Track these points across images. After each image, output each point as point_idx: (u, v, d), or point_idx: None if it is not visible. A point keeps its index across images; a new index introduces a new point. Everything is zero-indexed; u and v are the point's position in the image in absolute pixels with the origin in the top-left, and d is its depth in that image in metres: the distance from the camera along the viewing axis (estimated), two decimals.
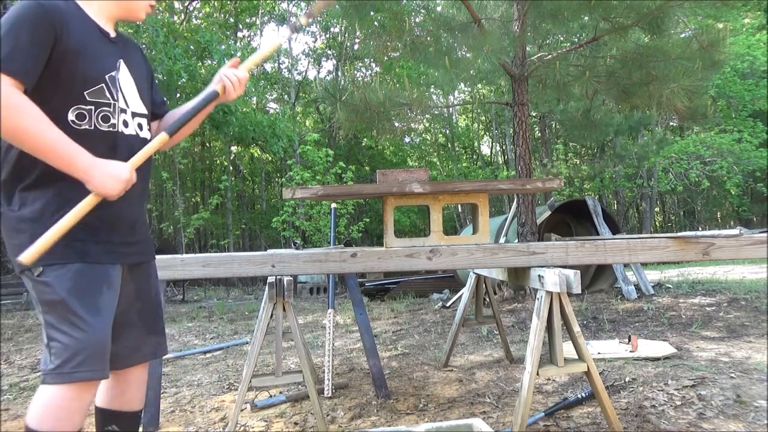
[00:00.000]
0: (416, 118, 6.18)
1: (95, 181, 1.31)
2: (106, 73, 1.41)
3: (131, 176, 1.38)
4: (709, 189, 16.52)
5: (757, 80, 14.28)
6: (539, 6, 5.16)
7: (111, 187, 1.33)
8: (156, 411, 2.58)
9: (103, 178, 1.32)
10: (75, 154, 1.30)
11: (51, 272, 1.32)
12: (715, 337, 3.91)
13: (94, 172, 1.31)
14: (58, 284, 1.32)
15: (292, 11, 18.53)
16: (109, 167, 1.34)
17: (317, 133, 14.48)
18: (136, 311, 1.53)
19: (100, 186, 1.32)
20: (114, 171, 1.34)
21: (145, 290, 1.56)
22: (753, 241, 2.28)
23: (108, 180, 1.32)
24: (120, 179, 1.34)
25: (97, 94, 1.38)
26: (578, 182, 18.57)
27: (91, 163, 1.32)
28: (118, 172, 1.35)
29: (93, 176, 1.31)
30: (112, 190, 1.34)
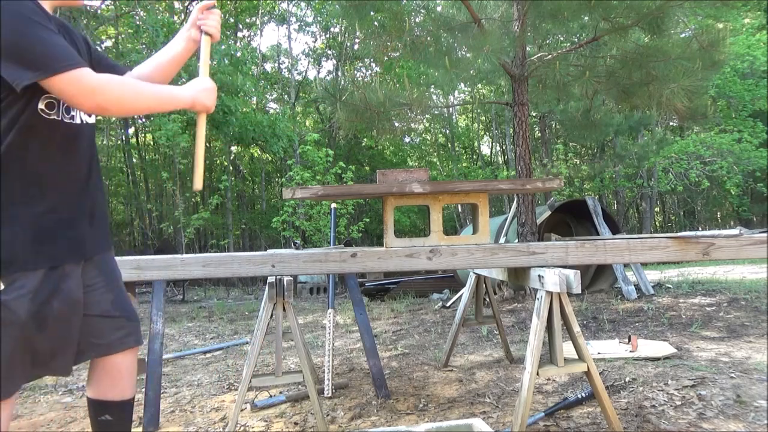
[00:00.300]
0: (416, 118, 6.18)
1: (200, 101, 1.53)
2: None
3: (214, 86, 1.59)
4: (709, 189, 16.52)
5: (757, 80, 14.27)
6: (539, 6, 5.16)
7: (211, 99, 1.56)
8: (156, 411, 2.58)
9: (203, 95, 1.54)
10: (174, 93, 1.49)
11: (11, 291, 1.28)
12: (715, 337, 3.91)
13: (197, 94, 1.52)
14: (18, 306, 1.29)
15: (292, 11, 18.54)
16: (198, 85, 1.55)
17: (317, 133, 14.48)
18: (110, 302, 1.53)
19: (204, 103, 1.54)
20: (204, 85, 1.55)
21: (114, 281, 1.57)
22: (753, 241, 2.28)
23: (206, 94, 1.55)
24: (211, 88, 1.56)
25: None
26: (578, 182, 18.57)
27: (188, 89, 1.52)
28: (207, 84, 1.56)
29: (197, 98, 1.52)
30: (212, 102, 1.56)
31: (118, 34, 14.74)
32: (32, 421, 2.84)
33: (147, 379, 2.57)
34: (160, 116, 10.84)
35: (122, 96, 1.33)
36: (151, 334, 2.60)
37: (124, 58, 11.55)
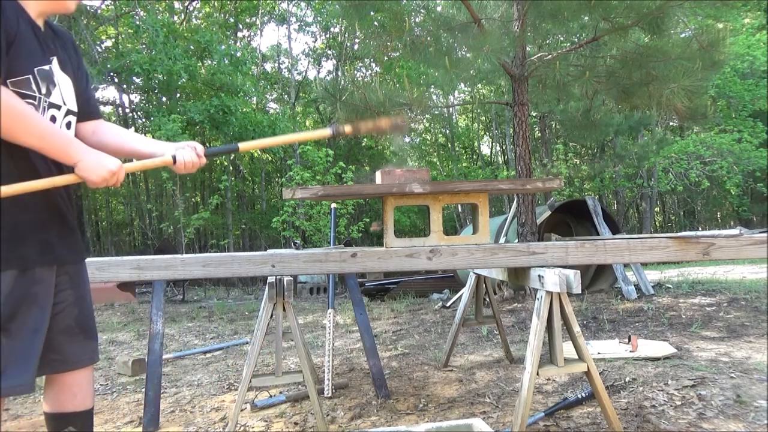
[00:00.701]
0: (416, 118, 6.18)
1: (85, 164, 1.37)
2: (34, 66, 1.38)
3: (120, 172, 1.43)
4: (709, 189, 16.51)
5: (757, 80, 14.27)
6: (539, 6, 5.16)
7: (98, 173, 1.39)
8: (156, 411, 2.58)
9: (92, 164, 1.38)
10: (69, 143, 1.37)
11: None
12: (715, 337, 3.91)
13: (86, 156, 1.38)
14: None
15: (292, 11, 18.53)
16: (101, 156, 1.41)
17: None
18: (74, 317, 1.52)
19: (86, 170, 1.38)
20: (105, 161, 1.41)
21: (81, 296, 1.55)
22: (753, 241, 2.28)
23: (97, 167, 1.39)
24: (108, 169, 1.40)
25: (20, 84, 1.35)
26: (578, 182, 18.56)
27: (85, 148, 1.39)
28: (109, 162, 1.41)
29: (83, 159, 1.37)
30: (97, 177, 1.39)
31: (118, 34, 14.74)
32: (32, 421, 2.84)
33: (147, 379, 2.57)
34: (160, 116, 10.85)
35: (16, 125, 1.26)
36: (151, 334, 2.60)
37: (124, 58, 11.55)
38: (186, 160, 1.64)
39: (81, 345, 1.54)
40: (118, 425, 2.73)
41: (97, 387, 3.50)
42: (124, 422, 2.77)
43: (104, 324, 6.22)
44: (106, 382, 3.62)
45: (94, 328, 1.61)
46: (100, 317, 6.83)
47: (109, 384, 3.58)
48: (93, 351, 1.59)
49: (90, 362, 1.57)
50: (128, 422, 2.76)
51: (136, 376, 3.73)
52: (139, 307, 7.73)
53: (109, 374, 3.86)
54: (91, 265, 2.20)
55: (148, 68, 10.73)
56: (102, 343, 5.05)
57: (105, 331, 5.75)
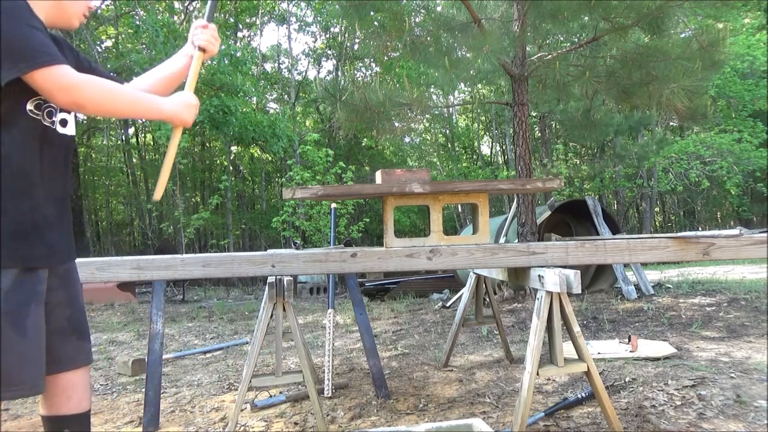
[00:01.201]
0: (416, 118, 6.19)
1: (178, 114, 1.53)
2: None
3: (197, 102, 1.58)
4: (709, 189, 16.52)
5: (757, 80, 14.27)
6: (539, 6, 5.16)
7: (190, 114, 1.55)
8: (156, 411, 2.58)
9: (182, 109, 1.53)
10: (155, 102, 1.50)
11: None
12: (715, 337, 3.91)
13: (173, 108, 1.51)
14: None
15: (292, 11, 18.53)
16: (181, 99, 1.54)
17: (317, 133, 14.48)
18: (67, 318, 1.52)
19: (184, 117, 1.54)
20: (186, 100, 1.55)
21: (73, 296, 1.55)
22: (753, 241, 2.28)
23: (186, 110, 1.54)
24: (193, 104, 1.56)
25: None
26: (578, 182, 18.57)
27: (169, 101, 1.52)
28: (189, 99, 1.56)
29: (176, 111, 1.52)
30: (191, 117, 1.56)
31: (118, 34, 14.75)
32: (32, 421, 2.85)
33: (147, 379, 2.57)
34: None
35: (98, 95, 1.35)
36: (151, 334, 2.60)
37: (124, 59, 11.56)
38: (206, 38, 1.71)
39: (74, 346, 1.54)
40: (118, 425, 2.73)
41: (97, 387, 3.50)
42: (124, 422, 2.77)
43: (104, 324, 6.22)
44: (106, 382, 3.62)
45: (87, 329, 1.61)
46: (100, 317, 6.83)
47: (109, 384, 3.58)
48: (87, 352, 1.59)
49: (85, 363, 1.57)
50: (128, 422, 2.76)
51: (136, 376, 3.73)
52: (139, 307, 7.73)
53: (109, 374, 3.86)
54: (91, 265, 2.21)
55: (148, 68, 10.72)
56: (102, 343, 5.05)
57: (105, 331, 5.74)
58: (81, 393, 1.57)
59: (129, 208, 19.51)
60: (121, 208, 20.42)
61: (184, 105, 1.54)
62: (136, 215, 18.86)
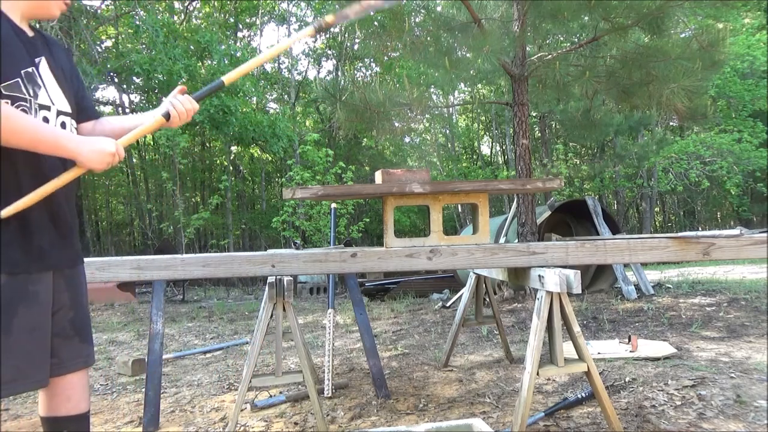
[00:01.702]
0: (416, 118, 6.19)
1: (83, 156, 1.39)
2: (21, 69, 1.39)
3: (118, 150, 1.45)
4: (709, 189, 16.51)
5: (757, 80, 14.26)
6: (539, 6, 5.16)
7: (98, 160, 1.41)
8: (156, 411, 2.58)
9: (90, 153, 1.40)
10: (60, 136, 1.38)
11: None
12: (715, 337, 3.91)
13: (82, 148, 1.39)
14: None
15: (292, 11, 18.53)
16: (96, 143, 1.42)
17: (317, 133, 14.48)
18: (69, 320, 1.52)
19: (87, 161, 1.40)
20: (101, 146, 1.42)
21: (77, 299, 1.56)
22: (753, 241, 2.28)
23: (95, 155, 1.41)
24: (106, 152, 1.42)
25: (12, 88, 1.36)
26: (578, 182, 18.57)
27: (78, 140, 1.40)
28: (105, 146, 1.43)
29: (81, 152, 1.39)
30: (100, 163, 1.42)
31: (118, 34, 14.73)
32: (32, 421, 2.85)
33: (147, 379, 2.57)
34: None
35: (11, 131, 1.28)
36: (151, 334, 2.60)
37: (124, 58, 11.55)
38: (179, 109, 1.62)
39: (76, 348, 1.54)
40: (118, 425, 2.73)
41: (97, 387, 3.50)
42: (124, 422, 2.77)
43: (104, 324, 6.22)
44: (106, 382, 3.62)
45: (90, 332, 1.61)
46: (100, 317, 6.83)
47: (109, 384, 3.58)
48: (88, 354, 1.59)
49: (84, 365, 1.57)
50: (128, 422, 2.76)
51: (136, 376, 3.73)
52: (139, 307, 7.72)
53: (109, 374, 3.86)
54: (91, 265, 2.21)
55: (148, 68, 10.72)
56: (102, 343, 5.05)
57: (105, 331, 5.74)
58: (80, 394, 1.57)
59: (129, 208, 19.51)
60: (121, 208, 20.42)
61: (97, 150, 1.41)
62: (136, 215, 18.85)
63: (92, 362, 1.61)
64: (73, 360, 1.53)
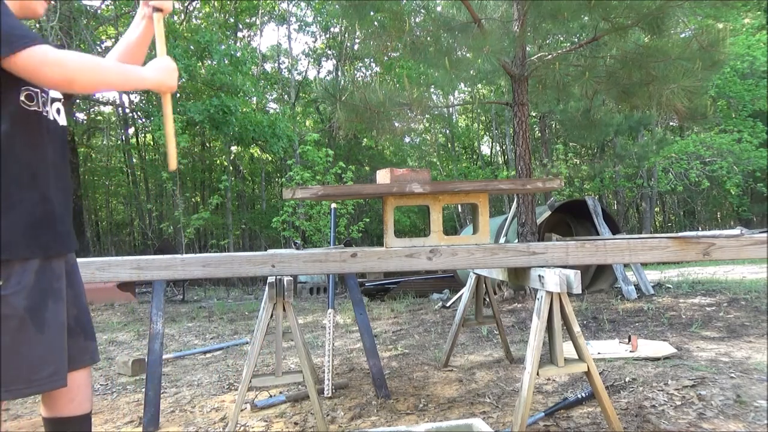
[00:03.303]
0: (416, 118, 6.18)
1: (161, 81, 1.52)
2: None
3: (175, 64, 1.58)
4: (709, 189, 16.50)
5: (757, 80, 14.26)
6: (539, 6, 5.16)
7: (173, 78, 1.55)
8: (156, 411, 2.58)
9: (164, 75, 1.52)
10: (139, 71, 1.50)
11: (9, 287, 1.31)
12: (715, 337, 3.91)
13: (155, 75, 1.51)
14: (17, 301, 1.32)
15: (292, 11, 18.53)
16: (159, 65, 1.53)
17: (317, 133, 14.48)
18: (74, 317, 1.53)
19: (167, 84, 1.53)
20: (165, 65, 1.54)
21: (77, 295, 1.58)
22: (754, 241, 2.28)
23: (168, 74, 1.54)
24: (172, 68, 1.55)
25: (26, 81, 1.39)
26: (578, 182, 18.56)
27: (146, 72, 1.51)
28: (168, 64, 1.55)
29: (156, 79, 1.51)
30: (174, 81, 1.55)
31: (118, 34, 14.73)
32: (32, 421, 2.84)
33: (147, 379, 2.57)
34: (160, 116, 10.84)
35: (84, 69, 1.33)
36: (151, 334, 2.60)
37: None
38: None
39: (81, 345, 1.55)
40: (118, 425, 2.73)
41: (97, 387, 3.50)
42: (124, 422, 2.77)
43: (104, 324, 6.22)
44: (106, 382, 3.62)
45: (93, 328, 1.62)
46: (100, 317, 6.83)
47: (109, 384, 3.58)
48: (93, 351, 1.59)
49: (90, 363, 1.58)
50: (128, 422, 2.76)
51: (136, 376, 3.73)
52: (139, 307, 7.72)
53: (109, 374, 3.86)
54: (91, 265, 2.21)
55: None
56: (102, 343, 5.05)
57: (105, 331, 5.74)
58: (83, 394, 1.57)
59: (129, 208, 19.51)
60: (121, 208, 20.42)
61: (165, 70, 1.53)
62: (136, 215, 18.85)
63: (97, 359, 1.62)
64: (79, 357, 1.54)
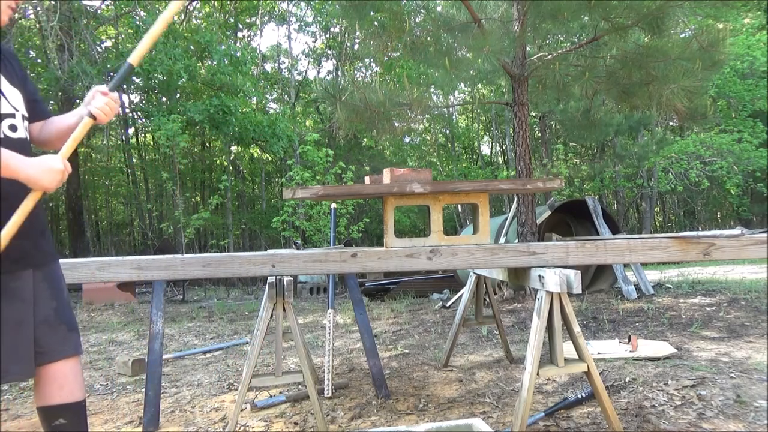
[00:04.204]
0: (416, 118, 6.18)
1: (34, 178, 1.41)
2: None
3: (65, 166, 1.46)
4: (709, 189, 16.50)
5: (757, 80, 14.26)
6: (539, 6, 5.16)
7: (50, 179, 1.43)
8: (156, 411, 2.58)
9: (41, 174, 1.41)
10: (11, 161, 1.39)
11: None
12: (715, 337, 3.91)
13: (30, 171, 1.40)
14: None
15: (292, 11, 18.53)
16: (42, 163, 1.43)
17: (317, 133, 14.47)
18: (53, 309, 1.59)
19: (40, 183, 1.42)
20: (48, 165, 1.43)
21: (57, 290, 1.62)
22: (754, 241, 2.28)
23: (46, 174, 1.42)
24: (55, 170, 1.44)
25: None
26: (578, 182, 18.56)
27: (25, 163, 1.41)
28: (52, 164, 1.44)
29: (30, 175, 1.40)
30: (51, 183, 1.43)
31: (118, 34, 14.74)
32: (32, 421, 2.84)
33: (147, 379, 2.57)
34: (159, 116, 10.85)
35: None
36: (151, 334, 2.59)
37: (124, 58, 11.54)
38: (100, 107, 1.60)
39: (63, 336, 1.60)
40: (118, 425, 2.73)
41: (97, 387, 3.50)
42: (124, 422, 2.77)
43: (104, 324, 6.22)
44: (106, 382, 3.62)
45: (75, 321, 1.67)
46: (100, 317, 6.83)
47: (109, 384, 3.58)
48: (76, 342, 1.64)
49: (74, 353, 1.62)
50: (128, 422, 2.76)
51: (136, 376, 3.73)
52: (139, 307, 7.72)
53: (109, 374, 3.86)
54: (91, 265, 2.21)
55: (148, 68, 10.72)
56: (102, 343, 5.05)
57: (105, 331, 5.74)
58: (72, 383, 1.61)
59: (129, 208, 19.50)
60: (121, 208, 20.41)
61: (45, 169, 1.43)
62: (136, 215, 18.85)
63: (80, 350, 1.66)
64: (60, 347, 1.58)
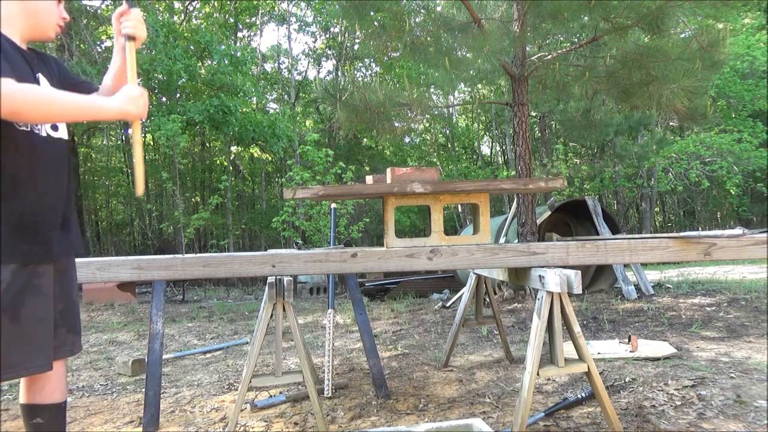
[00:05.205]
0: (416, 118, 6.18)
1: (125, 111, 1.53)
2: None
3: (141, 89, 1.58)
4: (709, 189, 16.50)
5: (757, 80, 14.26)
6: (539, 6, 5.16)
7: (137, 106, 1.55)
8: (156, 411, 2.58)
9: (128, 105, 1.53)
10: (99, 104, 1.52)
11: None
12: (715, 337, 3.91)
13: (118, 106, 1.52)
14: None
15: (292, 11, 18.52)
16: (123, 95, 1.54)
17: (317, 133, 14.48)
18: (59, 311, 1.60)
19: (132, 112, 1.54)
20: (128, 93, 1.55)
21: (67, 291, 1.64)
22: (754, 241, 2.28)
23: (132, 103, 1.54)
24: (136, 96, 1.55)
25: None
26: (578, 182, 18.56)
27: (110, 102, 1.52)
28: (131, 92, 1.56)
29: (120, 110, 1.52)
30: (139, 108, 1.55)
31: None
32: None
33: (147, 379, 2.57)
34: (159, 116, 10.85)
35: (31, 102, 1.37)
36: (151, 334, 2.59)
37: None
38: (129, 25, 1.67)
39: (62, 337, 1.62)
40: (118, 425, 2.73)
41: (97, 387, 3.50)
42: (124, 422, 2.77)
43: (104, 324, 6.22)
44: (106, 382, 3.62)
45: (79, 324, 1.69)
46: (100, 317, 6.83)
47: (109, 384, 3.58)
48: (73, 343, 1.66)
49: (69, 354, 1.65)
50: (128, 422, 2.76)
51: (136, 376, 3.73)
52: (139, 307, 7.72)
53: (109, 374, 3.86)
54: (91, 265, 2.21)
55: (148, 68, 10.73)
56: (102, 343, 5.05)
57: (105, 331, 5.74)
58: (54, 384, 1.64)
59: (129, 208, 19.51)
60: (121, 208, 20.41)
61: (128, 99, 1.54)
62: (136, 215, 18.86)
63: (77, 351, 1.69)
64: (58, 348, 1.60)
